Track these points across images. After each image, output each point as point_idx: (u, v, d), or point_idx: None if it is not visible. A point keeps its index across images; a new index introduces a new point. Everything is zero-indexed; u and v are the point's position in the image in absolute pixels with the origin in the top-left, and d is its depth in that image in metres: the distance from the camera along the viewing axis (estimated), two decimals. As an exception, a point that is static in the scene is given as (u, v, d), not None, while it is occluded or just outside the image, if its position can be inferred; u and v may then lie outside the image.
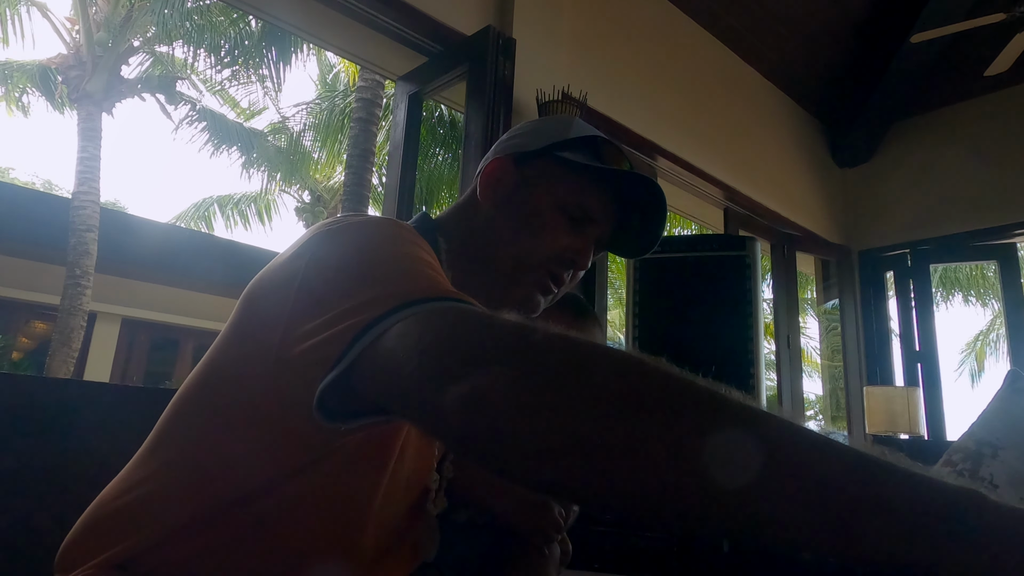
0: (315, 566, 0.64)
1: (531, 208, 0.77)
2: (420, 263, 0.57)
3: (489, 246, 0.78)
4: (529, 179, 0.79)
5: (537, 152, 0.80)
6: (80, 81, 7.53)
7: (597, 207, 0.78)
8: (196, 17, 7.29)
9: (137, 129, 56.17)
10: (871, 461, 0.35)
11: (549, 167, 0.79)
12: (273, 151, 9.75)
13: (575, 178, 0.78)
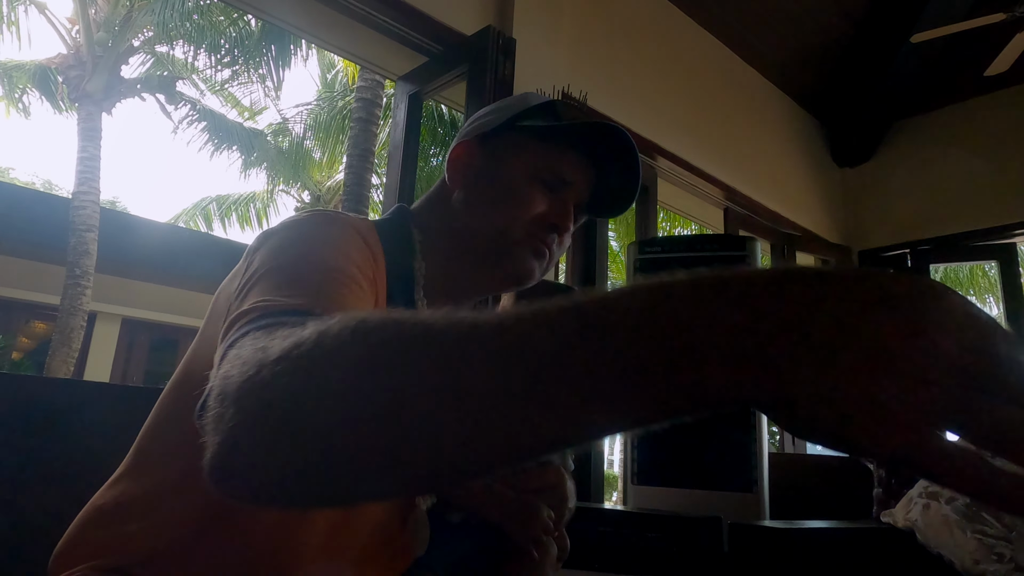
0: (306, 567, 0.64)
1: (503, 182, 0.77)
2: (318, 268, 0.56)
3: (468, 229, 0.77)
4: (496, 156, 0.79)
5: (499, 128, 0.80)
6: (80, 81, 7.53)
7: (568, 167, 0.78)
8: (196, 17, 7.29)
9: (137, 129, 56.15)
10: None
11: (513, 139, 0.79)
12: (273, 151, 9.75)
13: (540, 143, 0.78)
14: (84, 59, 7.57)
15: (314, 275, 0.55)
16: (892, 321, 0.28)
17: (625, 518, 1.22)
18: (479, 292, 0.81)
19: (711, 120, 3.58)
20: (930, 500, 1.47)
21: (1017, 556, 1.31)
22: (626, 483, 2.23)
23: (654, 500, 2.11)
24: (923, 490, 1.51)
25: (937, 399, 0.27)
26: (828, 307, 0.29)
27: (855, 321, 0.28)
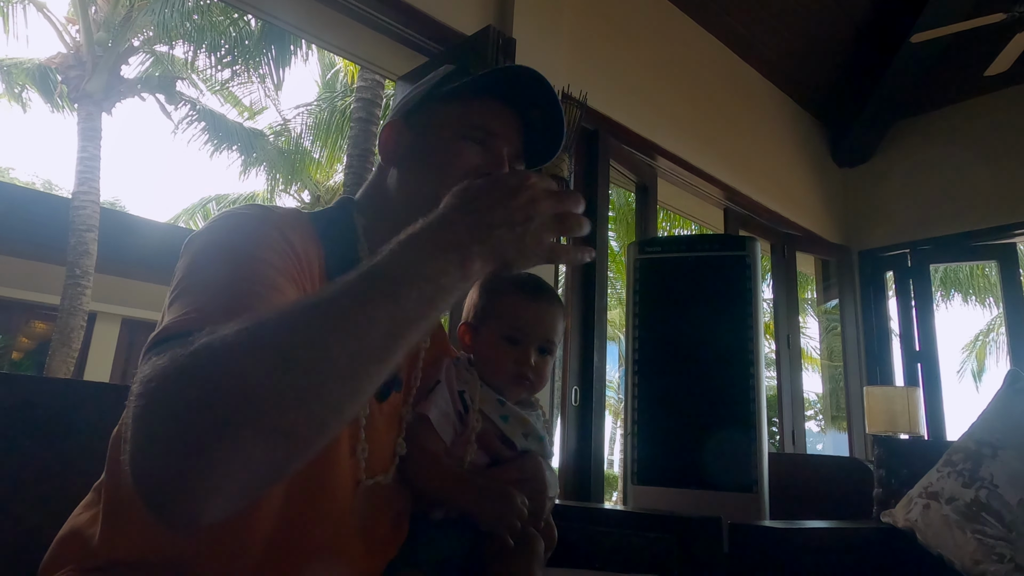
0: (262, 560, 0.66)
1: (433, 148, 0.80)
2: (225, 284, 0.61)
3: (408, 202, 0.79)
4: (421, 128, 0.82)
5: (420, 102, 0.83)
6: (80, 81, 7.53)
7: (491, 118, 0.80)
8: (196, 17, 7.28)
9: (137, 129, 56.17)
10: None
11: (433, 108, 0.82)
12: (273, 151, 9.75)
13: (459, 104, 0.81)
14: (84, 59, 7.57)
15: (220, 295, 0.59)
16: (499, 204, 0.57)
17: (625, 518, 1.22)
18: None
19: (711, 120, 3.58)
20: (930, 500, 1.47)
21: (1017, 556, 1.31)
22: (626, 483, 2.23)
23: (654, 500, 2.11)
24: (923, 490, 1.51)
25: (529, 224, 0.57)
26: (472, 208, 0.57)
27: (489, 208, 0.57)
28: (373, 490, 0.76)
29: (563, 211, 0.59)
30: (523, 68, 0.80)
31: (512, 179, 0.59)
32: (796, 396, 3.78)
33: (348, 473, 0.73)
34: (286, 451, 0.48)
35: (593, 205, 2.81)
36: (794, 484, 2.39)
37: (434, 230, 0.56)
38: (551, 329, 0.90)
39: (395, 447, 0.81)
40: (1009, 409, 1.52)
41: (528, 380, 0.88)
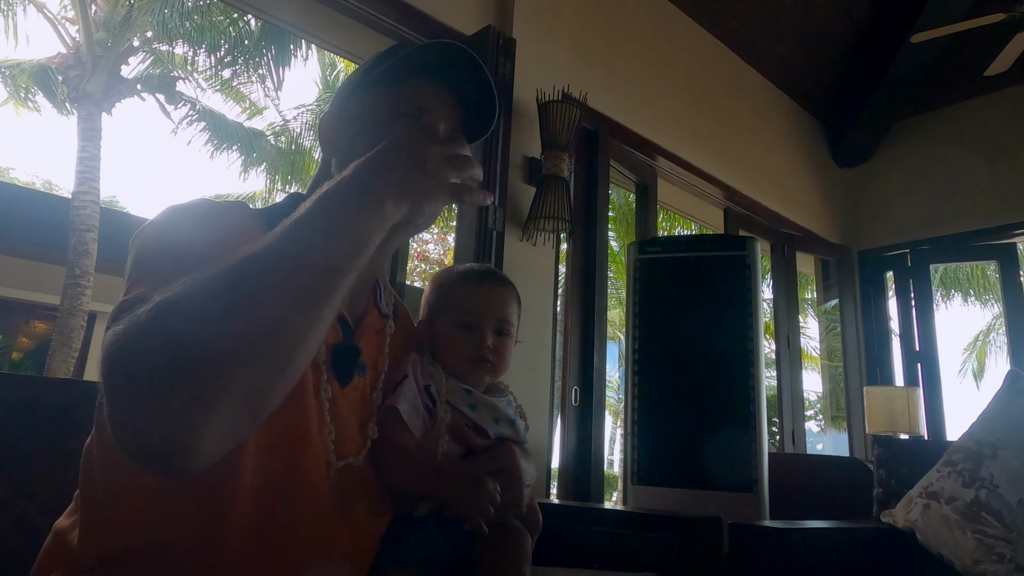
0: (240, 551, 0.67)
1: (366, 133, 0.81)
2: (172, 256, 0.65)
3: None
4: (356, 115, 0.84)
5: (353, 89, 0.86)
6: (80, 81, 7.52)
7: (423, 95, 0.83)
8: (196, 17, 7.28)
9: (137, 129, 56.18)
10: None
11: (367, 93, 0.85)
12: (273, 151, 9.74)
13: (390, 87, 0.83)
14: (84, 59, 7.57)
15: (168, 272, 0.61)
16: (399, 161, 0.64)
17: (625, 518, 1.22)
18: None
19: (711, 120, 3.58)
20: (930, 500, 1.47)
21: (1017, 556, 1.31)
22: (626, 483, 2.23)
23: (654, 500, 2.11)
24: (923, 490, 1.51)
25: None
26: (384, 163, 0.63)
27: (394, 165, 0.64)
28: (345, 472, 0.77)
29: (453, 153, 0.66)
30: (449, 43, 0.82)
31: (403, 135, 0.66)
32: (796, 396, 3.78)
33: (319, 456, 0.74)
34: (251, 391, 0.52)
35: (593, 205, 2.81)
36: (794, 484, 2.39)
37: (346, 183, 0.61)
38: (502, 310, 0.93)
39: (366, 430, 0.82)
40: (1009, 409, 1.52)
41: (488, 362, 0.90)
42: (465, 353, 0.90)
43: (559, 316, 2.61)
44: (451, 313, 0.92)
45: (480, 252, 2.06)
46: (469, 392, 0.89)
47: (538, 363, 2.29)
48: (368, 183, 0.62)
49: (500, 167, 2.15)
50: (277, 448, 0.70)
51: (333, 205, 0.60)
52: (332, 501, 0.74)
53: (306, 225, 0.58)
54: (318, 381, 0.76)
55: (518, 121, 2.34)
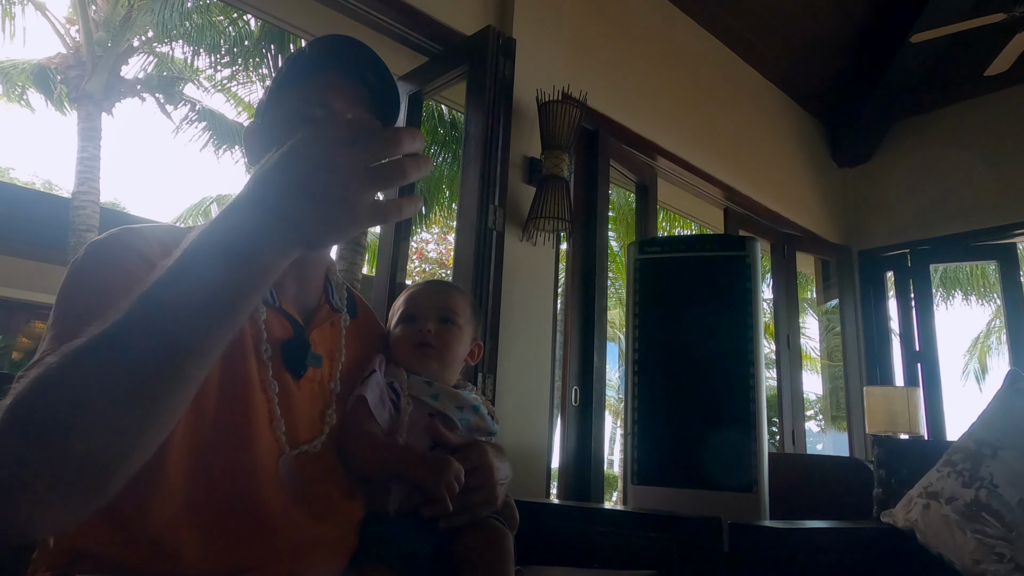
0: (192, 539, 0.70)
1: (278, 137, 0.79)
2: (69, 314, 0.65)
3: None
4: (270, 122, 0.87)
5: (266, 99, 0.89)
6: (80, 81, 7.52)
7: (328, 91, 0.84)
8: (196, 17, 7.28)
9: (137, 129, 56.16)
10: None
11: (273, 104, 0.87)
12: (273, 151, 9.73)
13: (297, 88, 0.84)
14: (84, 59, 7.57)
15: (64, 331, 0.62)
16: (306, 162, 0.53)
17: (625, 518, 1.22)
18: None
19: (711, 120, 3.58)
20: (930, 500, 1.47)
21: (1017, 556, 1.31)
22: (626, 483, 2.23)
23: (654, 500, 2.11)
24: (923, 490, 1.51)
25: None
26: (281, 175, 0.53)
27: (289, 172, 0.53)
28: (300, 459, 0.79)
29: (378, 157, 0.53)
30: (340, 36, 0.85)
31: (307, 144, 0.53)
32: (796, 396, 3.78)
33: (269, 448, 0.76)
34: (88, 470, 0.51)
35: (593, 205, 2.81)
36: (794, 484, 2.39)
37: (218, 227, 0.53)
38: (444, 301, 0.97)
39: (324, 417, 0.83)
40: (1009, 409, 1.52)
41: (430, 346, 0.93)
42: (409, 339, 0.94)
43: (559, 316, 2.61)
44: (399, 314, 0.98)
45: (480, 252, 2.06)
46: (430, 383, 0.92)
47: (538, 363, 2.29)
48: (247, 223, 0.52)
49: (500, 167, 2.15)
50: (219, 445, 0.72)
51: (199, 261, 0.52)
52: (288, 487, 0.76)
53: (163, 289, 0.51)
54: (264, 376, 0.77)
55: (518, 121, 2.34)
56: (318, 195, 0.52)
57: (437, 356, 0.94)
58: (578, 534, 1.22)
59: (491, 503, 0.87)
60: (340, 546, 0.81)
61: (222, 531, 0.71)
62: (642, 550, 1.11)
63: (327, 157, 0.52)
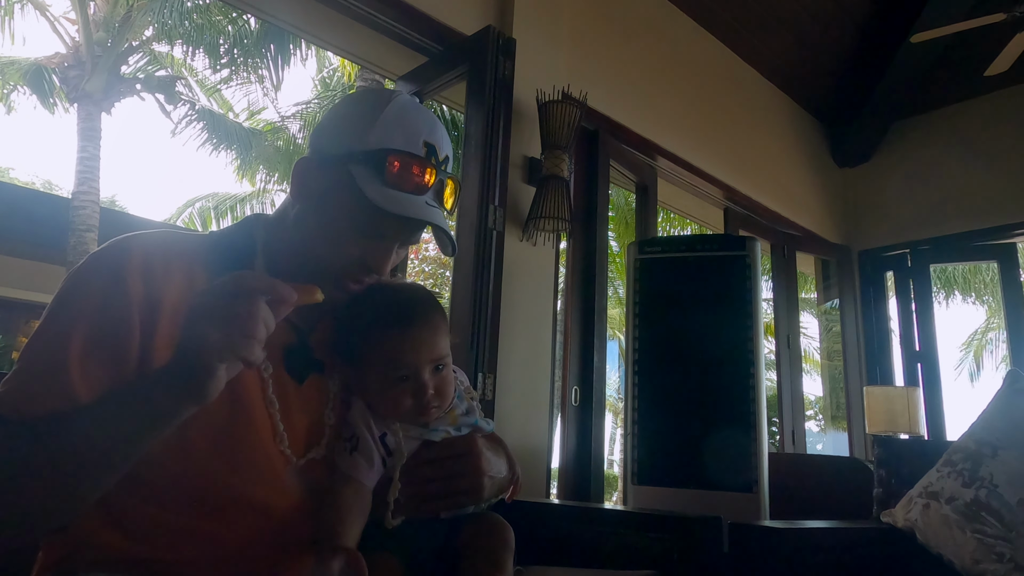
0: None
1: (328, 217, 0.81)
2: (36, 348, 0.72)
3: (299, 246, 0.83)
4: (327, 189, 0.81)
5: (334, 160, 0.81)
6: (79, 81, 7.52)
7: (389, 228, 0.81)
8: (195, 16, 7.28)
9: (136, 128, 56.11)
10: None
11: (344, 178, 0.80)
12: (272, 151, 9.74)
13: (365, 200, 0.78)
14: (83, 59, 7.56)
15: (26, 381, 0.71)
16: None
17: (625, 518, 1.22)
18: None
19: (711, 120, 3.58)
20: (930, 500, 1.47)
21: (1017, 556, 1.31)
22: (626, 483, 2.23)
23: (654, 500, 2.11)
24: (923, 490, 1.51)
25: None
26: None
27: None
28: (310, 467, 0.80)
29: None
30: (422, 223, 0.83)
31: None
32: (796, 396, 3.78)
33: (275, 458, 0.77)
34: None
35: (593, 205, 2.81)
36: (794, 484, 2.39)
37: (136, 403, 0.66)
38: (435, 348, 0.85)
39: (323, 418, 0.84)
40: (1009, 409, 1.52)
41: (432, 407, 0.84)
42: (407, 406, 0.84)
43: (559, 316, 2.61)
44: (382, 368, 0.84)
45: (480, 252, 2.06)
46: (426, 425, 0.86)
47: (538, 363, 2.29)
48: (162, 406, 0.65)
49: (500, 167, 2.15)
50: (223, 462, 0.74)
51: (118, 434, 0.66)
52: (301, 497, 0.78)
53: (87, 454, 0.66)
54: (264, 390, 0.78)
55: (518, 121, 2.34)
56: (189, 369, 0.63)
57: (440, 410, 0.87)
58: (578, 534, 1.22)
59: (475, 494, 0.84)
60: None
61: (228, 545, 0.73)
62: (642, 550, 1.11)
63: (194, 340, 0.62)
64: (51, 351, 0.71)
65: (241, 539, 0.74)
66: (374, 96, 0.86)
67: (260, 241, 0.85)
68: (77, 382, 0.70)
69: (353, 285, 0.83)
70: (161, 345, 0.73)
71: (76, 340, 0.71)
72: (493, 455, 0.90)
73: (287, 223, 0.85)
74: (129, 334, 0.73)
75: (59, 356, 0.70)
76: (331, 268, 0.81)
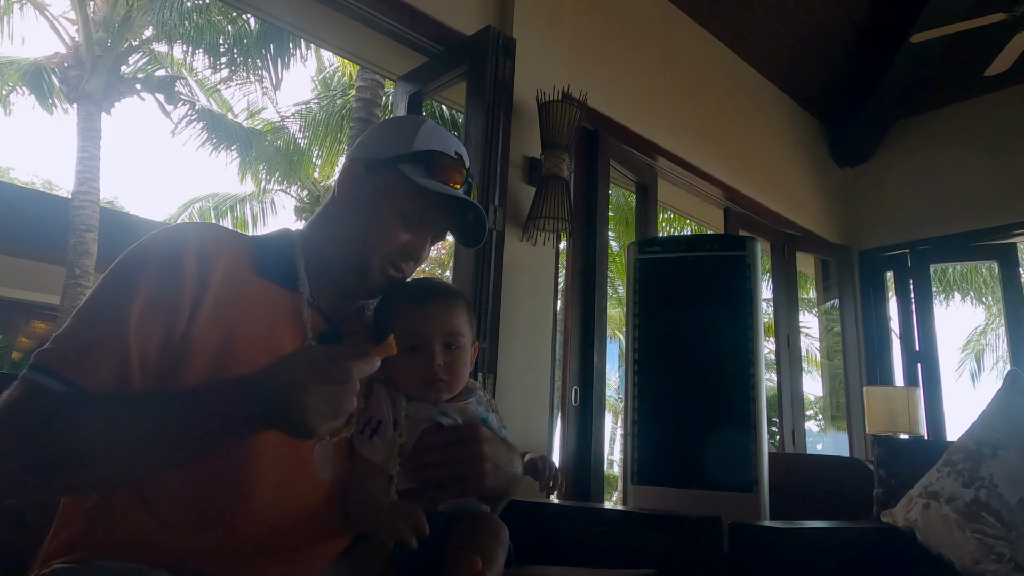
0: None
1: (377, 214, 0.92)
2: (97, 310, 0.79)
3: (343, 243, 0.93)
4: (376, 187, 0.93)
5: (384, 162, 0.94)
6: (79, 81, 7.52)
7: (431, 215, 0.94)
8: (195, 16, 7.27)
9: (136, 128, 56.08)
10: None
11: (393, 177, 0.93)
12: (272, 150, 9.73)
13: (412, 190, 0.92)
14: (83, 59, 7.56)
15: (82, 338, 0.77)
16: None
17: (625, 518, 1.22)
18: (344, 288, 0.96)
19: (711, 120, 3.58)
20: (930, 500, 1.47)
21: (1017, 556, 1.31)
22: (626, 483, 2.23)
23: (654, 500, 2.11)
24: (923, 490, 1.51)
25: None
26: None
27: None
28: (339, 445, 0.88)
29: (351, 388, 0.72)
30: (466, 202, 0.95)
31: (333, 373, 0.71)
32: (796, 396, 3.78)
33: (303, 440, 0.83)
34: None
35: (593, 205, 2.81)
36: (794, 484, 2.39)
37: (221, 418, 0.72)
38: (449, 323, 0.93)
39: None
40: (1009, 409, 1.52)
41: (442, 380, 0.91)
42: (416, 375, 0.91)
43: (559, 316, 2.61)
44: (397, 337, 0.89)
45: (480, 252, 2.06)
46: (435, 404, 0.92)
47: (538, 363, 2.29)
48: (240, 406, 0.72)
49: (500, 167, 2.15)
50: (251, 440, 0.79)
51: (206, 427, 0.72)
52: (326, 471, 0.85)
53: (175, 436, 0.72)
54: None
55: (518, 121, 2.34)
56: (289, 408, 0.70)
57: (448, 389, 0.93)
58: (578, 534, 1.22)
59: (478, 477, 0.87)
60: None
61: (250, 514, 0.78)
62: (642, 550, 1.11)
63: (301, 383, 0.70)
64: (112, 315, 0.77)
65: (263, 523, 0.78)
66: (410, 118, 1.06)
67: (297, 244, 0.94)
68: (134, 348, 0.75)
69: (393, 272, 0.93)
70: (202, 324, 0.79)
71: (136, 307, 0.76)
72: (501, 445, 0.92)
73: (328, 226, 0.96)
74: (180, 309, 0.78)
75: (120, 319, 0.76)
76: (375, 258, 0.91)
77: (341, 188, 0.95)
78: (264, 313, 0.84)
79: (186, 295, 0.79)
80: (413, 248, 0.93)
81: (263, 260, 0.89)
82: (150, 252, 0.81)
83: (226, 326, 0.80)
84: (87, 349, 0.75)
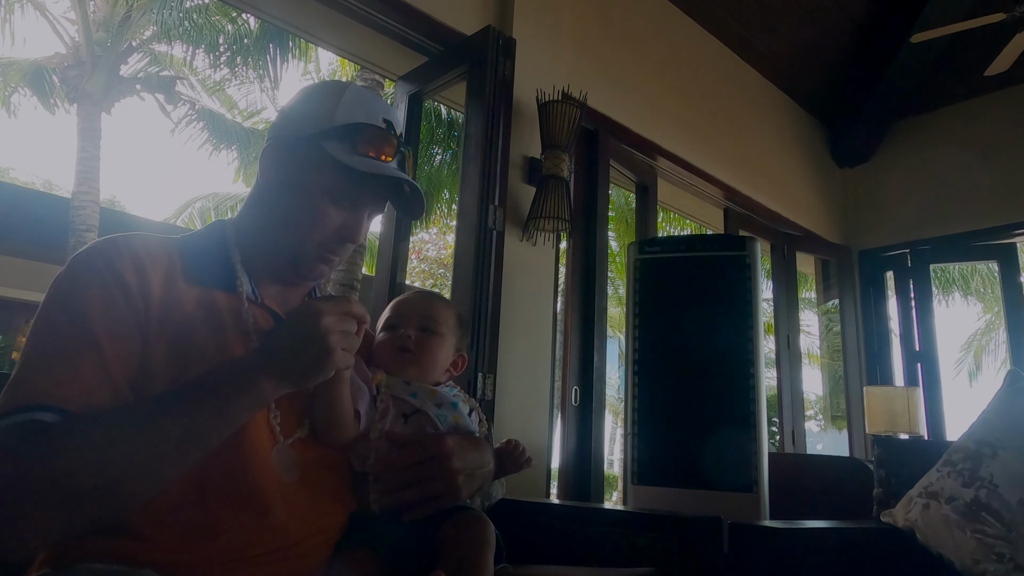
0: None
1: (303, 196, 0.85)
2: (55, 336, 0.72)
3: (273, 229, 0.87)
4: (301, 167, 0.86)
5: (305, 139, 0.86)
6: (79, 81, 7.52)
7: (364, 195, 0.87)
8: (195, 16, 7.27)
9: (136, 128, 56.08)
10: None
11: (317, 157, 0.85)
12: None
13: (340, 170, 0.84)
14: (83, 59, 7.56)
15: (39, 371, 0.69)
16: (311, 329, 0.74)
17: (625, 518, 1.22)
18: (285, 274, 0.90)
19: (711, 120, 3.58)
20: (930, 500, 1.47)
21: (1017, 556, 1.31)
22: (626, 483, 2.23)
23: (654, 500, 2.11)
24: (923, 490, 1.51)
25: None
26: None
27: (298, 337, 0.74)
28: (295, 446, 0.82)
29: (345, 323, 0.74)
30: (401, 179, 0.89)
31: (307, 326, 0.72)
32: (796, 396, 3.78)
33: (264, 439, 0.79)
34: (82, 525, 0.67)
35: (593, 205, 2.81)
36: (794, 484, 2.39)
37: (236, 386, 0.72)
38: (426, 311, 1.00)
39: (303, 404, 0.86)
40: (1009, 409, 1.52)
41: (409, 352, 0.96)
42: (390, 346, 0.97)
43: (559, 316, 2.61)
44: (383, 320, 1.02)
45: (480, 252, 2.06)
46: (408, 383, 0.95)
47: (538, 363, 2.29)
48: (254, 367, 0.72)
49: (500, 167, 2.15)
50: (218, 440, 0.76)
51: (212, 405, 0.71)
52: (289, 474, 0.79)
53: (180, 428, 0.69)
54: None
55: (518, 121, 2.34)
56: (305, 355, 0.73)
57: (416, 361, 0.96)
58: (578, 534, 1.22)
59: (452, 493, 0.87)
60: (338, 534, 0.84)
61: (218, 522, 0.74)
62: (642, 550, 1.11)
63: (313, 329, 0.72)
64: (75, 332, 0.71)
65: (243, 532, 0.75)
66: (331, 85, 0.94)
67: (231, 238, 0.88)
68: (109, 355, 0.71)
69: (332, 256, 0.88)
70: (155, 335, 0.75)
71: (95, 319, 0.72)
72: (470, 450, 0.91)
73: (257, 213, 0.89)
74: (134, 319, 0.75)
75: (87, 334, 0.71)
76: (307, 244, 0.86)
77: (263, 172, 0.88)
78: (207, 325, 0.79)
79: (137, 305, 0.75)
80: (348, 231, 0.87)
81: (194, 265, 0.83)
82: (87, 270, 0.75)
83: (173, 349, 0.75)
84: (63, 371, 0.69)
